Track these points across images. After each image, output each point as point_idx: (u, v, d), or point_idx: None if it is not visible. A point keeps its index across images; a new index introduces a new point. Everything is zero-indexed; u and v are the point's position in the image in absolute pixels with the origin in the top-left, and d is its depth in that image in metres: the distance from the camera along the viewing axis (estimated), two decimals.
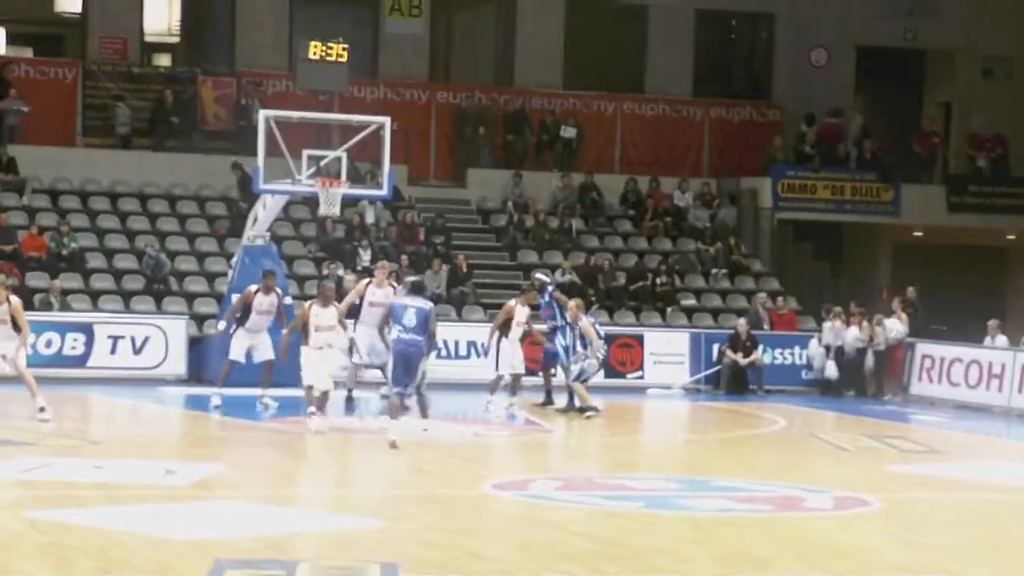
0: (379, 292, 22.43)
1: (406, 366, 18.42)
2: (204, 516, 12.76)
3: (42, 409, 19.63)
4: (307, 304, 20.19)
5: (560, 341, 23.54)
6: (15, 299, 20.05)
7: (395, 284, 22.84)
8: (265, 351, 22.19)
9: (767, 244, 36.08)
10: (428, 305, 18.82)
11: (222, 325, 23.55)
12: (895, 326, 29.23)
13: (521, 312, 23.12)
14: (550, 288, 24.30)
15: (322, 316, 19.92)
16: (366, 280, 23.07)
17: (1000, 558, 12.20)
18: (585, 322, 23.10)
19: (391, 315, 18.80)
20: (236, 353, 22.27)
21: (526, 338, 23.56)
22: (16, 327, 19.73)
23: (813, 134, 36.03)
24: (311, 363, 19.68)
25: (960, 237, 36.59)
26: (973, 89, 37.88)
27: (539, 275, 26.60)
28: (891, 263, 37.37)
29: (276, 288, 22.49)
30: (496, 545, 12.04)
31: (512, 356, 23.10)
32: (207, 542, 11.46)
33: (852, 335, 29.51)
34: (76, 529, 11.94)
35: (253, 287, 22.48)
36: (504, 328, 23.13)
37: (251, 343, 22.25)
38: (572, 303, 23.27)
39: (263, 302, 22.15)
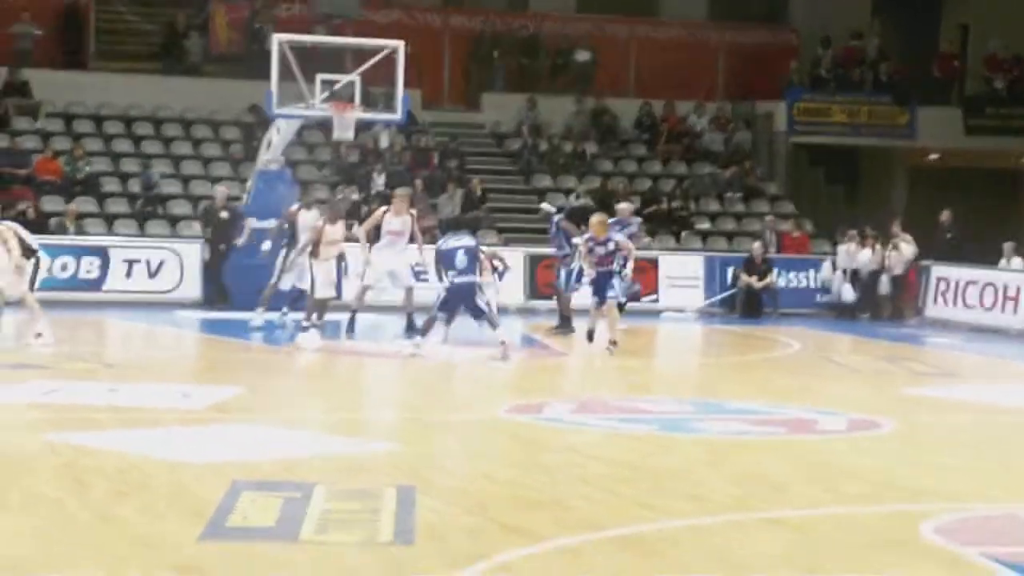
0: (396, 220, 22.29)
1: (459, 301, 19.05)
2: (220, 439, 12.82)
3: (39, 335, 19.68)
4: (319, 221, 20.89)
5: (564, 269, 23.39)
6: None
7: (413, 212, 22.73)
8: (405, 278, 22.24)
9: (782, 168, 35.99)
10: (473, 241, 19.26)
11: (268, 245, 23.52)
12: (905, 249, 29.18)
13: (332, 231, 21.54)
14: (556, 218, 24.16)
15: (330, 233, 20.86)
16: (383, 208, 22.84)
17: (1014, 480, 12.23)
18: (619, 238, 21.38)
19: (442, 262, 19.07)
20: (371, 278, 22.11)
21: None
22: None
23: (829, 58, 35.84)
24: (322, 276, 20.40)
25: (976, 160, 36.44)
26: (991, 10, 37.58)
27: (545, 205, 26.48)
28: (906, 186, 37.28)
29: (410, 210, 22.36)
30: (511, 468, 12.09)
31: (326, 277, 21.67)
32: (223, 464, 11.52)
33: (866, 258, 29.48)
34: (92, 451, 12.00)
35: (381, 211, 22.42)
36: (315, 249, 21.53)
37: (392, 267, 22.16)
38: (595, 219, 21.46)
39: (394, 222, 22.05)
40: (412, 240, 22.29)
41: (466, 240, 19.26)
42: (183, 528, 9.30)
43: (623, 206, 25.01)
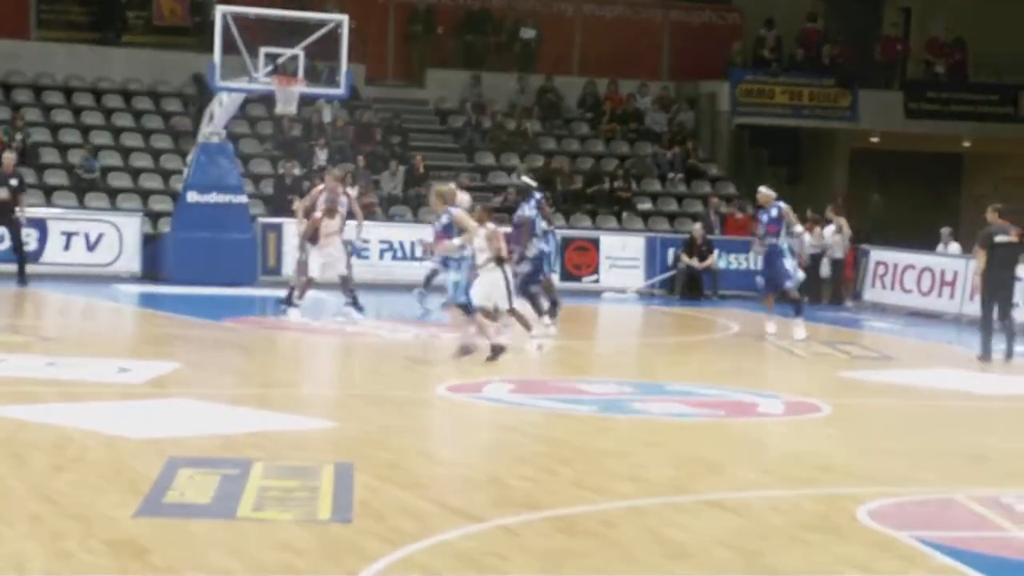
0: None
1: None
2: (158, 414, 12.77)
3: None
4: (317, 213, 20.73)
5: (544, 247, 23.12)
6: None
7: (349, 191, 22.56)
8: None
9: (725, 148, 36.11)
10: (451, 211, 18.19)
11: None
12: (844, 232, 29.34)
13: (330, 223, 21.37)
14: (537, 196, 22.72)
15: (328, 224, 21.08)
16: (320, 186, 22.40)
17: (948, 464, 12.34)
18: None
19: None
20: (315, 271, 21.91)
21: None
22: None
23: (773, 38, 35.95)
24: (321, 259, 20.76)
25: (917, 143, 36.70)
26: None
27: (524, 178, 25.96)
28: (848, 169, 37.49)
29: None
30: (450, 447, 12.10)
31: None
32: (161, 440, 11.47)
33: (808, 241, 29.61)
34: (30, 426, 11.93)
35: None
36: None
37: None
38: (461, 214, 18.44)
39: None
40: (352, 217, 22.05)
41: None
42: (120, 503, 9.26)
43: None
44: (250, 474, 10.16)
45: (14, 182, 25.42)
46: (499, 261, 18.32)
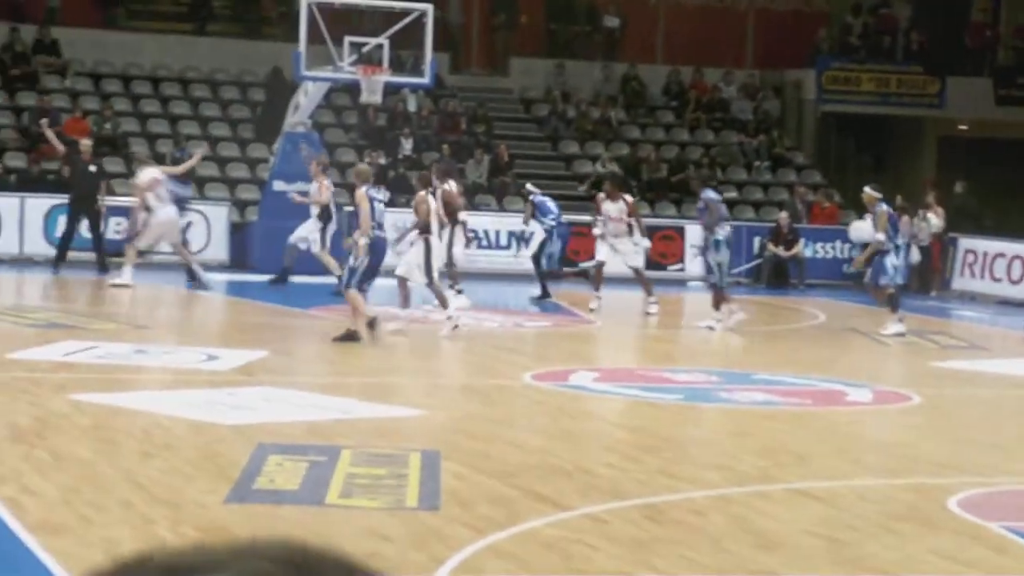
0: (311, 187, 22.79)
1: (378, 264, 17.41)
2: (247, 402, 12.85)
3: None
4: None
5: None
6: None
7: (328, 181, 22.96)
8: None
9: (810, 137, 35.86)
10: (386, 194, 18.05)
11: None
12: (932, 220, 29.08)
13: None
14: (711, 195, 22.87)
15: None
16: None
17: None
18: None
19: (368, 212, 17.32)
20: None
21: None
22: None
23: (860, 25, 35.66)
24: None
25: (1006, 130, 36.26)
26: None
27: (529, 185, 25.83)
28: (935, 157, 37.11)
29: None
30: (535, 435, 12.10)
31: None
32: (250, 427, 11.55)
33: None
34: (120, 412, 12.05)
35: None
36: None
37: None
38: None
39: (611, 209, 21.96)
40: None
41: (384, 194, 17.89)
42: (210, 489, 9.33)
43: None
44: (338, 461, 10.21)
45: (93, 169, 25.36)
46: (424, 231, 18.08)
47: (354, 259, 17.05)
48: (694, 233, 29.55)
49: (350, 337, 16.97)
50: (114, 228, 26.34)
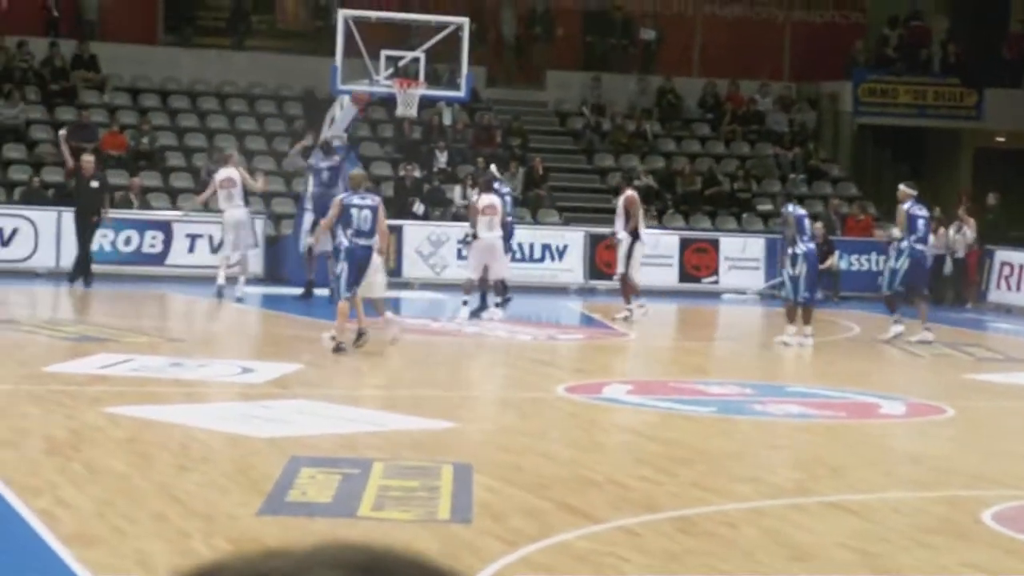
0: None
1: (360, 270, 17.32)
2: (280, 415, 12.89)
3: None
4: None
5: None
6: None
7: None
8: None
9: (846, 149, 35.78)
10: (377, 199, 17.79)
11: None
12: (967, 233, 28.97)
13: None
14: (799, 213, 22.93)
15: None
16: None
17: None
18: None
19: (341, 217, 17.34)
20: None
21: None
22: None
23: (896, 37, 35.58)
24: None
25: None
26: None
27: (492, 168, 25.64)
28: (972, 169, 36.97)
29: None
30: (568, 447, 12.11)
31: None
32: (283, 439, 11.59)
33: (931, 242, 29.23)
34: (155, 425, 12.10)
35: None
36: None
37: None
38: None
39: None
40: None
41: (371, 199, 17.60)
42: (243, 502, 9.37)
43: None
44: (371, 474, 10.24)
45: (95, 184, 24.98)
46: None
47: (330, 268, 17.42)
48: (728, 246, 29.58)
49: (360, 335, 17.16)
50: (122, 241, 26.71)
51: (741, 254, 29.54)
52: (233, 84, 33.11)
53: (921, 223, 21.27)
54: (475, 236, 21.39)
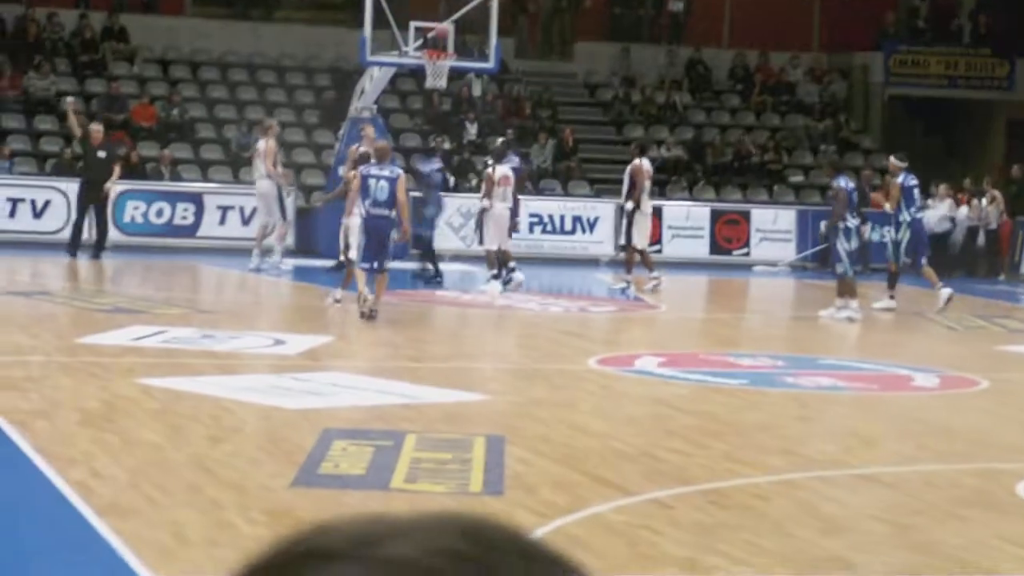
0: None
1: (378, 242, 17.50)
2: (313, 386, 12.92)
3: None
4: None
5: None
6: None
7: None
8: None
9: (878, 120, 35.62)
10: (398, 171, 17.88)
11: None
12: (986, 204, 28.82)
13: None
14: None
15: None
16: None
17: None
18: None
19: (361, 189, 17.62)
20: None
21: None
22: None
23: (926, 8, 35.38)
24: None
25: None
26: None
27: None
28: (1005, 140, 36.77)
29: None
30: (600, 420, 12.10)
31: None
32: (315, 411, 11.61)
33: (963, 214, 29.13)
34: (187, 396, 12.14)
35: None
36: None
37: None
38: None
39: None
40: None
41: (389, 170, 17.68)
42: (276, 474, 9.39)
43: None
44: (403, 446, 10.24)
45: (102, 154, 24.56)
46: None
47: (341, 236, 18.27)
48: (759, 217, 29.51)
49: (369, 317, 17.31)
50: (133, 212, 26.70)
51: (772, 226, 29.47)
52: (263, 55, 33.11)
53: (916, 192, 21.18)
54: (491, 207, 21.35)
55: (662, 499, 9.10)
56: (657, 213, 28.99)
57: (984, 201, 28.88)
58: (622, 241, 22.95)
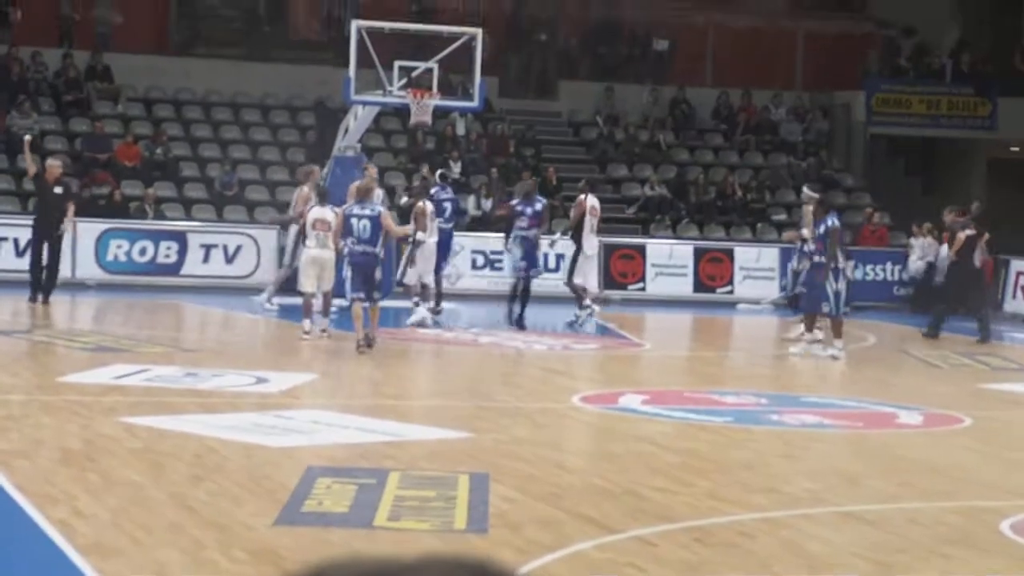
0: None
1: (364, 276, 18.15)
2: (296, 424, 12.89)
3: None
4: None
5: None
6: None
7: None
8: None
9: (860, 159, 35.73)
10: (379, 209, 18.63)
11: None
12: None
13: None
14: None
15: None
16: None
17: None
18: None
19: (344, 228, 18.20)
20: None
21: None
22: None
23: (909, 47, 35.54)
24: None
25: None
26: None
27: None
28: (986, 179, 36.91)
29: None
30: (584, 457, 12.09)
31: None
32: (299, 449, 11.59)
33: (944, 252, 29.18)
34: (170, 435, 12.10)
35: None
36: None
37: None
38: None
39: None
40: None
41: (370, 209, 18.41)
42: (259, 512, 9.36)
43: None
44: (387, 484, 10.22)
45: (58, 190, 23.20)
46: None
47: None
48: (743, 255, 29.54)
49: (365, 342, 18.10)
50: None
51: (756, 264, 29.51)
52: (246, 95, 33.15)
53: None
54: (416, 241, 21.70)
55: (646, 536, 9.08)
56: (640, 251, 29.04)
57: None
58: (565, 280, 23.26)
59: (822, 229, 19.95)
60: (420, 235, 21.65)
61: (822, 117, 35.52)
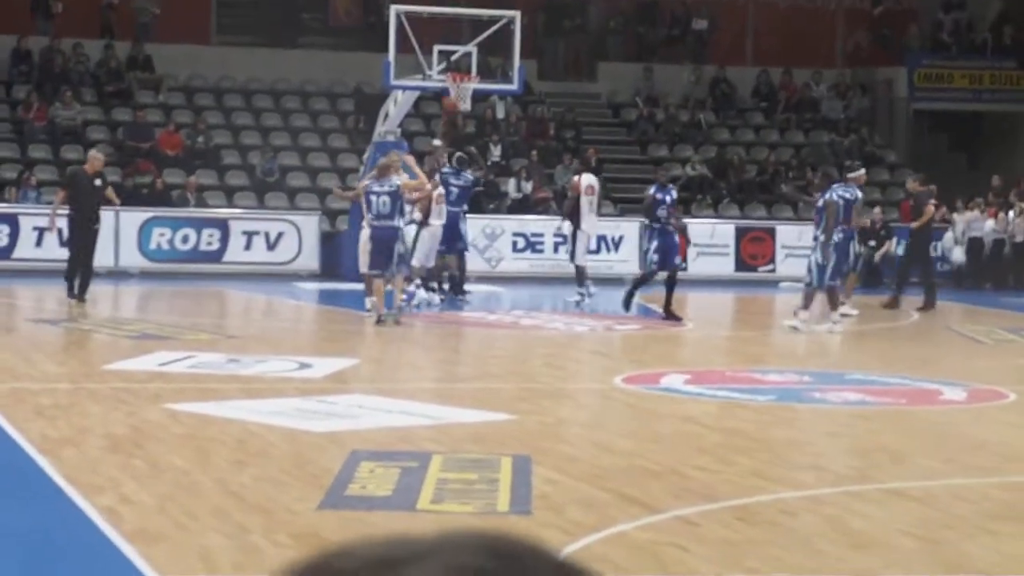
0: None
1: (386, 250, 18.98)
2: (339, 409, 12.93)
3: None
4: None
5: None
6: None
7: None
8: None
9: (902, 135, 35.56)
10: (396, 183, 19.11)
11: None
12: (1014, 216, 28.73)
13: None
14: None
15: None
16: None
17: None
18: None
19: (365, 205, 19.25)
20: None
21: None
22: None
23: (949, 22, 35.32)
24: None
25: None
26: None
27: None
28: None
29: None
30: (626, 438, 12.08)
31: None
32: (342, 434, 11.62)
33: (990, 226, 29.04)
34: (214, 421, 12.16)
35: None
36: None
37: None
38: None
39: None
40: None
41: (388, 185, 18.97)
42: (303, 497, 9.39)
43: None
44: (429, 467, 10.24)
45: (98, 182, 22.07)
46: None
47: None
48: (784, 234, 29.46)
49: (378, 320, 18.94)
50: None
51: (798, 242, 29.38)
52: (286, 82, 33.23)
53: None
54: (426, 223, 21.72)
55: (688, 516, 9.07)
56: (682, 231, 28.96)
57: (1012, 214, 28.78)
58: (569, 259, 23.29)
59: (820, 203, 19.87)
60: (432, 220, 21.79)
61: (863, 94, 35.34)
